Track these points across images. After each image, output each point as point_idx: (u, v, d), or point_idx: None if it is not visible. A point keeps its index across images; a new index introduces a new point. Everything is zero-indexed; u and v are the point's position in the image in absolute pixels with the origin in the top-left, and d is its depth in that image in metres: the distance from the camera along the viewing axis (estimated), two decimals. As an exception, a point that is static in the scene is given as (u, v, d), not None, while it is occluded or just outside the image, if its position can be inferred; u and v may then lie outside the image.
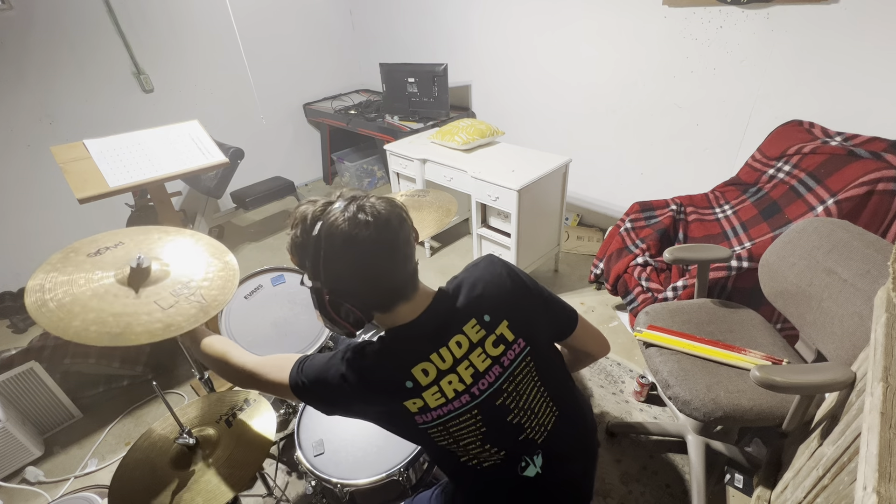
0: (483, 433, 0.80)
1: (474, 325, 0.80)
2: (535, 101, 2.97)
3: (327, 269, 0.74)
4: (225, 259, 1.15)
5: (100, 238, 1.14)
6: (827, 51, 1.83)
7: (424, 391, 0.77)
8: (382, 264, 0.75)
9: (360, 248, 0.73)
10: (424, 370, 0.77)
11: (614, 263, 2.14)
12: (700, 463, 1.47)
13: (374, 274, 0.76)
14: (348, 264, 0.74)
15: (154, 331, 0.94)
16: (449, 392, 0.78)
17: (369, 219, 0.73)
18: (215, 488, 0.99)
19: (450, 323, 0.80)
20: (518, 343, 0.81)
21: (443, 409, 0.78)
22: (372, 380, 0.79)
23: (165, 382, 2.11)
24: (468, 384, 0.78)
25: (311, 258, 0.74)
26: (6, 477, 1.73)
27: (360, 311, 0.79)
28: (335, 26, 3.83)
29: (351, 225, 0.72)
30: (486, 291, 0.82)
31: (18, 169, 2.65)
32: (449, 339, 0.78)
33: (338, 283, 0.76)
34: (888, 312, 0.88)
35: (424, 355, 0.78)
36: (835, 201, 1.59)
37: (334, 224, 0.72)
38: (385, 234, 0.74)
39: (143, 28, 2.87)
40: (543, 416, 0.85)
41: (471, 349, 0.79)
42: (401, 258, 0.77)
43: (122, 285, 1.02)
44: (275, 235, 3.40)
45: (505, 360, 0.80)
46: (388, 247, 0.75)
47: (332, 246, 0.72)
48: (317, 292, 0.79)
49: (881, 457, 0.65)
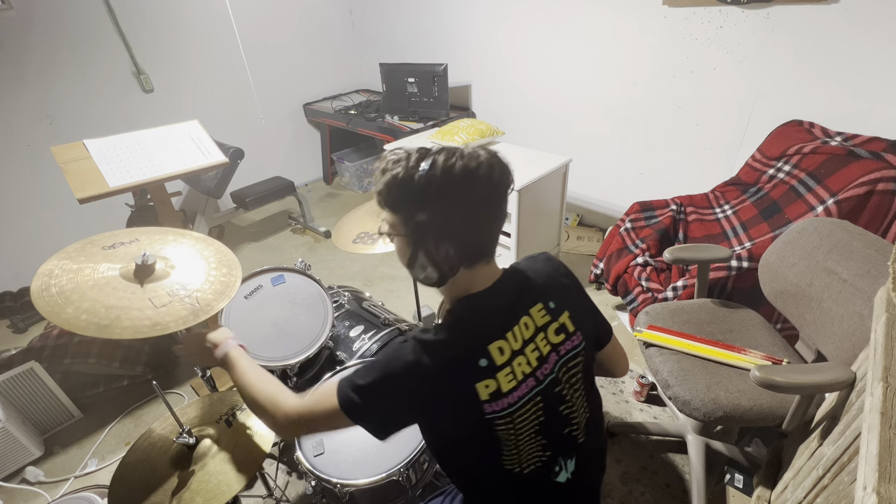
0: (540, 423, 0.79)
1: (540, 308, 0.79)
2: (535, 101, 2.97)
3: (440, 199, 0.70)
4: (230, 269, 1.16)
5: (118, 234, 1.18)
6: (827, 51, 1.83)
7: (499, 371, 0.74)
8: (493, 210, 0.74)
9: (480, 182, 0.70)
10: (500, 348, 0.74)
11: (614, 263, 2.14)
12: (700, 463, 1.47)
13: (483, 215, 0.73)
14: (465, 197, 0.70)
15: (140, 327, 0.94)
16: (519, 374, 0.75)
17: (492, 159, 0.71)
18: (215, 488, 0.99)
19: (519, 302, 0.78)
20: (577, 336, 0.82)
21: (514, 394, 0.75)
22: (444, 355, 0.72)
23: (165, 382, 2.11)
24: (533, 367, 0.77)
25: (423, 189, 0.69)
26: (6, 477, 1.73)
27: (456, 257, 0.73)
28: (335, 26, 3.83)
29: (471, 159, 0.70)
30: (549, 280, 0.83)
31: (18, 169, 2.65)
32: (519, 318, 0.77)
33: (447, 217, 0.71)
34: (888, 312, 0.88)
35: (501, 332, 0.75)
36: (835, 201, 1.59)
37: (452, 157, 0.70)
38: (502, 179, 0.73)
39: (143, 28, 2.87)
40: (582, 414, 0.85)
41: (535, 333, 0.78)
42: (504, 210, 0.76)
43: (124, 279, 1.04)
44: (275, 235, 3.40)
45: (562, 349, 0.80)
46: (501, 193, 0.73)
47: (450, 178, 0.69)
48: (419, 227, 0.72)
49: (881, 457, 0.65)
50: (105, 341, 2.05)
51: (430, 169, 0.69)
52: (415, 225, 0.73)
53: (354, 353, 1.53)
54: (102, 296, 0.98)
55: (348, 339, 1.58)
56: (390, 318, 1.66)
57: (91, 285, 0.99)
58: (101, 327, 0.91)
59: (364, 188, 3.93)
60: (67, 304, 0.93)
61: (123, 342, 2.08)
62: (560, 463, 0.83)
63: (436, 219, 0.71)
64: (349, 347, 1.55)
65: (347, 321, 1.65)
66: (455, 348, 0.73)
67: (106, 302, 0.97)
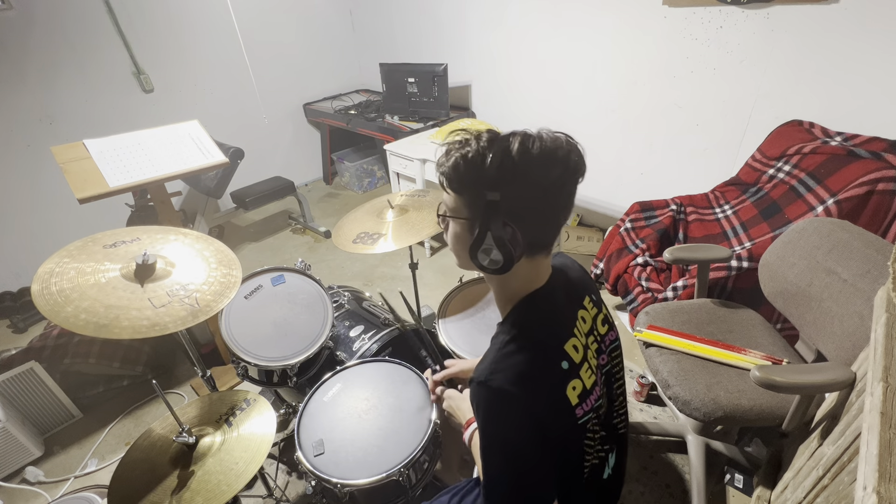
0: (603, 416, 0.78)
1: (588, 301, 0.79)
2: (534, 101, 2.97)
3: (516, 179, 0.66)
4: (230, 269, 1.16)
5: (119, 232, 1.18)
6: (827, 51, 1.83)
7: (580, 369, 0.71)
8: (565, 197, 0.70)
9: (558, 166, 0.67)
10: (574, 346, 0.72)
11: (614, 263, 2.14)
12: (700, 463, 1.47)
13: (556, 200, 0.69)
14: (542, 178, 0.66)
15: (139, 328, 0.94)
16: (594, 367, 0.74)
17: (570, 143, 0.69)
18: (215, 488, 0.99)
19: (574, 296, 0.78)
20: (615, 328, 0.83)
21: (596, 390, 0.73)
22: (531, 371, 0.67)
23: (165, 382, 2.11)
24: (597, 360, 0.77)
25: (497, 168, 0.65)
26: (6, 477, 1.73)
27: (522, 243, 0.69)
28: (335, 26, 3.83)
29: (552, 141, 0.67)
30: (583, 276, 0.83)
31: (18, 169, 2.65)
32: (577, 312, 0.76)
33: (522, 198, 0.67)
34: (888, 312, 0.88)
35: (570, 330, 0.73)
36: (835, 201, 1.59)
37: (530, 138, 0.66)
38: (579, 166, 0.70)
39: (143, 28, 2.87)
40: (624, 406, 0.86)
41: (592, 325, 0.78)
42: (573, 201, 0.72)
43: (124, 279, 1.04)
44: (275, 235, 3.40)
45: (608, 339, 0.81)
46: (576, 180, 0.70)
47: (528, 158, 0.65)
48: (489, 207, 0.67)
49: (881, 457, 0.65)
50: (105, 341, 2.05)
51: (507, 147, 0.66)
52: (485, 205, 0.68)
53: (354, 353, 1.53)
54: (102, 295, 0.98)
55: (348, 339, 1.58)
56: (390, 318, 1.66)
57: (91, 284, 0.99)
58: (99, 327, 0.92)
59: (364, 188, 3.93)
60: (67, 303, 0.93)
61: (123, 342, 2.08)
62: (609, 459, 0.83)
63: (509, 199, 0.67)
64: (349, 347, 1.55)
65: (347, 321, 1.65)
66: (540, 356, 0.69)
67: (105, 301, 0.97)
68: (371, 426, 1.21)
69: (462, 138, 0.70)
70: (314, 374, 1.49)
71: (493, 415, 0.68)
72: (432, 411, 1.20)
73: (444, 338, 1.45)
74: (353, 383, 1.33)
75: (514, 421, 0.67)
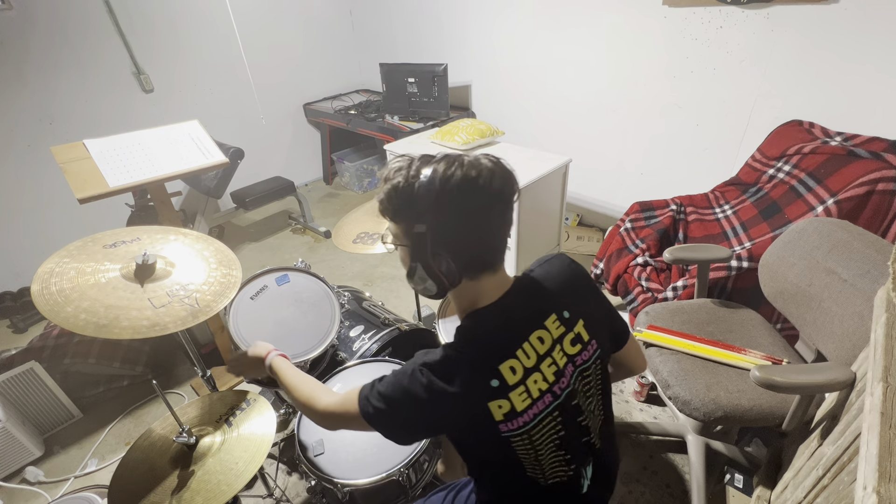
0: (560, 437, 0.77)
1: (555, 320, 0.76)
2: (535, 101, 2.97)
3: (439, 210, 0.69)
4: (230, 269, 1.16)
5: (120, 232, 1.18)
6: (827, 51, 1.83)
7: (511, 391, 0.72)
8: (494, 217, 0.72)
9: (480, 192, 0.68)
10: (512, 368, 0.72)
11: (614, 263, 2.14)
12: (700, 463, 1.47)
13: (484, 225, 0.71)
14: (463, 207, 0.69)
15: (139, 328, 0.94)
16: (534, 392, 0.73)
17: (492, 166, 0.70)
18: (215, 488, 0.99)
19: (532, 316, 0.76)
20: (592, 344, 0.80)
21: (529, 412, 0.73)
22: (454, 377, 0.71)
23: (165, 382, 2.11)
24: (550, 383, 0.75)
25: (422, 199, 0.68)
26: (6, 477, 1.73)
27: (457, 269, 0.72)
28: (335, 26, 3.83)
29: (471, 168, 0.68)
30: (563, 287, 0.80)
31: (18, 169, 2.65)
32: (531, 333, 0.75)
33: (445, 229, 0.70)
34: (888, 312, 0.88)
35: (512, 351, 0.73)
36: (835, 201, 1.59)
37: (452, 166, 0.68)
38: (505, 185, 0.71)
39: (143, 28, 2.87)
40: (597, 420, 0.84)
41: (552, 346, 0.76)
42: (509, 218, 0.74)
43: (124, 279, 1.04)
44: (275, 235, 3.40)
45: (578, 360, 0.78)
46: (504, 199, 0.71)
47: (447, 188, 0.67)
48: (418, 238, 0.71)
49: (881, 457, 0.65)
50: (105, 341, 2.05)
51: (428, 179, 0.68)
52: (414, 236, 0.72)
53: (354, 353, 1.53)
54: (102, 295, 0.98)
55: (348, 339, 1.58)
56: (390, 318, 1.66)
57: (91, 284, 0.99)
58: (99, 327, 0.92)
59: (364, 188, 3.93)
60: (67, 303, 0.93)
61: (123, 342, 2.08)
62: (583, 474, 0.82)
63: (434, 230, 0.70)
64: (349, 347, 1.55)
65: (347, 321, 1.65)
66: (465, 371, 0.72)
67: (105, 301, 0.97)
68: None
69: (397, 166, 0.72)
70: (322, 372, 1.49)
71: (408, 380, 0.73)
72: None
73: (443, 338, 1.45)
74: (353, 383, 1.33)
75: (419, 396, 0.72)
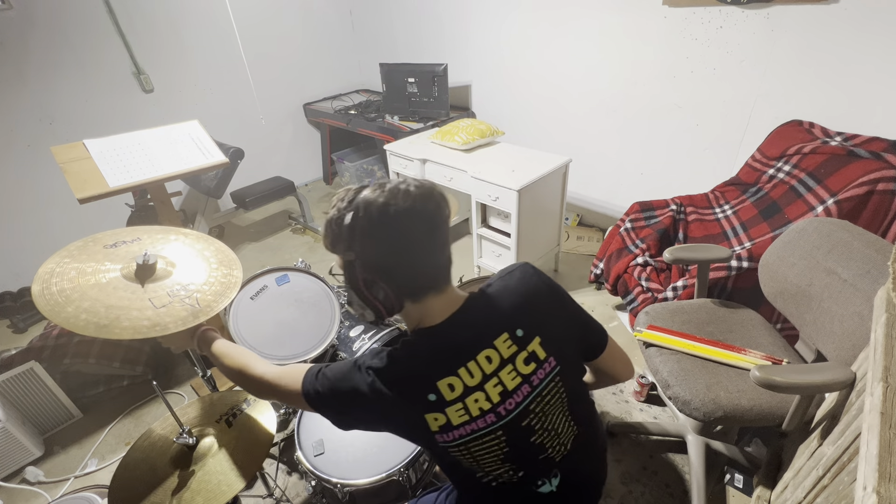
0: (505, 453, 0.76)
1: (506, 339, 0.74)
2: (535, 101, 2.97)
3: (363, 240, 0.70)
4: (231, 269, 1.16)
5: (120, 232, 1.17)
6: (827, 51, 1.83)
7: (448, 406, 0.72)
8: (420, 239, 0.71)
9: (399, 218, 0.69)
10: (450, 385, 0.72)
11: (614, 263, 2.14)
12: (700, 463, 1.47)
13: (411, 249, 0.71)
14: (385, 234, 0.69)
15: (139, 328, 0.94)
16: (474, 410, 0.73)
17: (410, 189, 0.70)
18: (215, 488, 0.99)
19: (480, 335, 0.74)
20: (549, 361, 0.77)
21: (465, 427, 0.73)
22: (393, 385, 0.72)
23: (165, 382, 2.11)
24: (495, 403, 0.73)
25: (347, 230, 0.70)
26: (6, 477, 1.73)
27: (393, 294, 0.73)
28: (335, 26, 3.83)
29: (390, 194, 0.69)
30: (519, 303, 0.77)
31: (18, 169, 2.65)
32: (478, 352, 0.73)
33: (372, 257, 0.71)
34: (888, 312, 0.88)
35: (452, 369, 0.72)
36: (835, 201, 1.59)
37: (373, 193, 0.69)
38: (426, 206, 0.71)
39: (143, 28, 2.87)
40: (565, 436, 0.81)
41: (501, 365, 0.74)
42: (439, 238, 0.73)
43: (125, 279, 1.03)
44: (275, 235, 3.40)
45: (535, 379, 0.76)
46: (427, 221, 0.71)
47: (368, 214, 0.68)
48: (349, 267, 0.73)
49: (881, 457, 0.65)
50: (105, 341, 2.05)
51: (353, 209, 0.69)
52: (346, 265, 0.74)
53: (354, 353, 1.53)
54: (103, 295, 0.98)
55: (348, 339, 1.58)
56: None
57: (92, 284, 0.99)
58: (100, 327, 0.91)
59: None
60: (68, 304, 0.93)
61: (123, 342, 2.08)
62: (540, 480, 0.81)
63: (362, 258, 0.71)
64: (349, 347, 1.55)
65: (347, 321, 1.65)
66: (404, 382, 0.73)
67: (106, 301, 0.96)
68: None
69: (339, 197, 0.74)
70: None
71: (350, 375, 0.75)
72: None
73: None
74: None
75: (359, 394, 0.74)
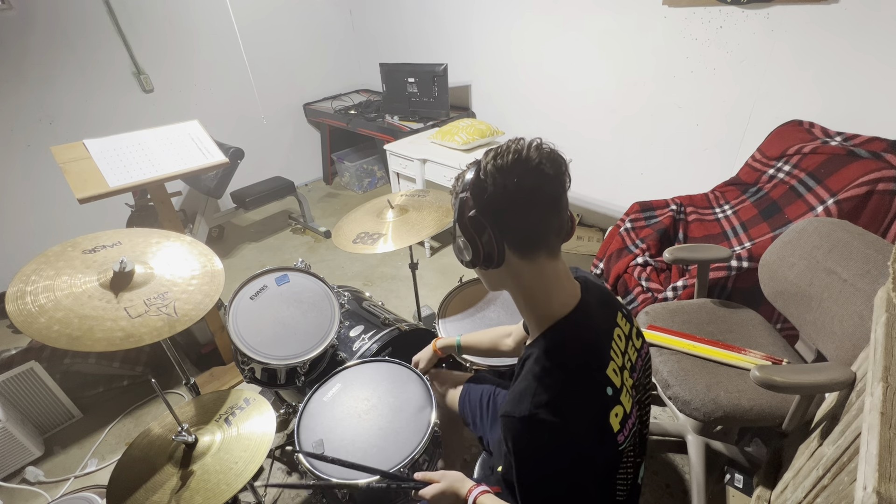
0: (637, 438, 0.75)
1: (622, 316, 0.76)
2: (534, 101, 2.97)
3: (488, 181, 0.66)
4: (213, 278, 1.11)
5: (101, 236, 1.14)
6: (827, 51, 1.83)
7: (621, 394, 0.68)
8: (558, 197, 0.68)
9: (530, 174, 0.65)
10: (614, 370, 0.69)
11: (614, 263, 2.14)
12: (700, 463, 1.47)
13: (549, 202, 0.67)
14: (509, 181, 0.66)
15: (113, 339, 0.91)
16: (631, 390, 0.72)
17: (548, 152, 0.68)
18: (215, 487, 0.99)
19: (608, 314, 0.75)
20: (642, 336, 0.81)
21: (634, 412, 0.71)
22: (574, 400, 0.64)
23: (165, 382, 2.11)
24: (634, 379, 0.74)
25: (474, 175, 0.68)
26: (6, 477, 1.73)
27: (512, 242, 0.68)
28: (335, 26, 3.83)
29: (536, 151, 0.66)
30: (607, 291, 0.80)
31: (18, 169, 2.65)
32: (613, 332, 0.73)
33: (495, 200, 0.67)
34: (888, 312, 0.88)
35: (608, 353, 0.70)
36: (835, 201, 1.59)
37: (535, 153, 0.66)
38: (562, 171, 0.68)
39: (143, 28, 2.87)
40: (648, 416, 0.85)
41: (626, 342, 0.75)
42: (565, 202, 0.70)
43: (101, 287, 0.99)
44: (275, 235, 3.40)
45: (643, 353, 0.79)
46: (561, 185, 0.68)
47: (499, 162, 0.66)
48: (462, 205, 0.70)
49: (881, 457, 0.65)
50: (105, 341, 2.05)
51: (486, 156, 0.69)
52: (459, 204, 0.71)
53: (354, 353, 1.53)
54: (77, 305, 0.93)
55: (348, 339, 1.58)
56: (390, 318, 1.66)
57: (66, 294, 0.95)
58: (72, 339, 0.87)
59: (364, 188, 3.93)
60: (40, 314, 0.89)
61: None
62: (639, 471, 0.82)
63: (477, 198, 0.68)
64: (349, 347, 1.55)
65: (347, 321, 1.65)
66: (579, 388, 0.66)
67: (80, 311, 0.92)
68: (371, 426, 1.21)
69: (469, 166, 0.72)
70: (321, 373, 1.49)
71: (531, 450, 0.64)
72: (432, 412, 1.20)
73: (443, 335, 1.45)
74: (353, 383, 1.33)
75: (558, 455, 0.63)
